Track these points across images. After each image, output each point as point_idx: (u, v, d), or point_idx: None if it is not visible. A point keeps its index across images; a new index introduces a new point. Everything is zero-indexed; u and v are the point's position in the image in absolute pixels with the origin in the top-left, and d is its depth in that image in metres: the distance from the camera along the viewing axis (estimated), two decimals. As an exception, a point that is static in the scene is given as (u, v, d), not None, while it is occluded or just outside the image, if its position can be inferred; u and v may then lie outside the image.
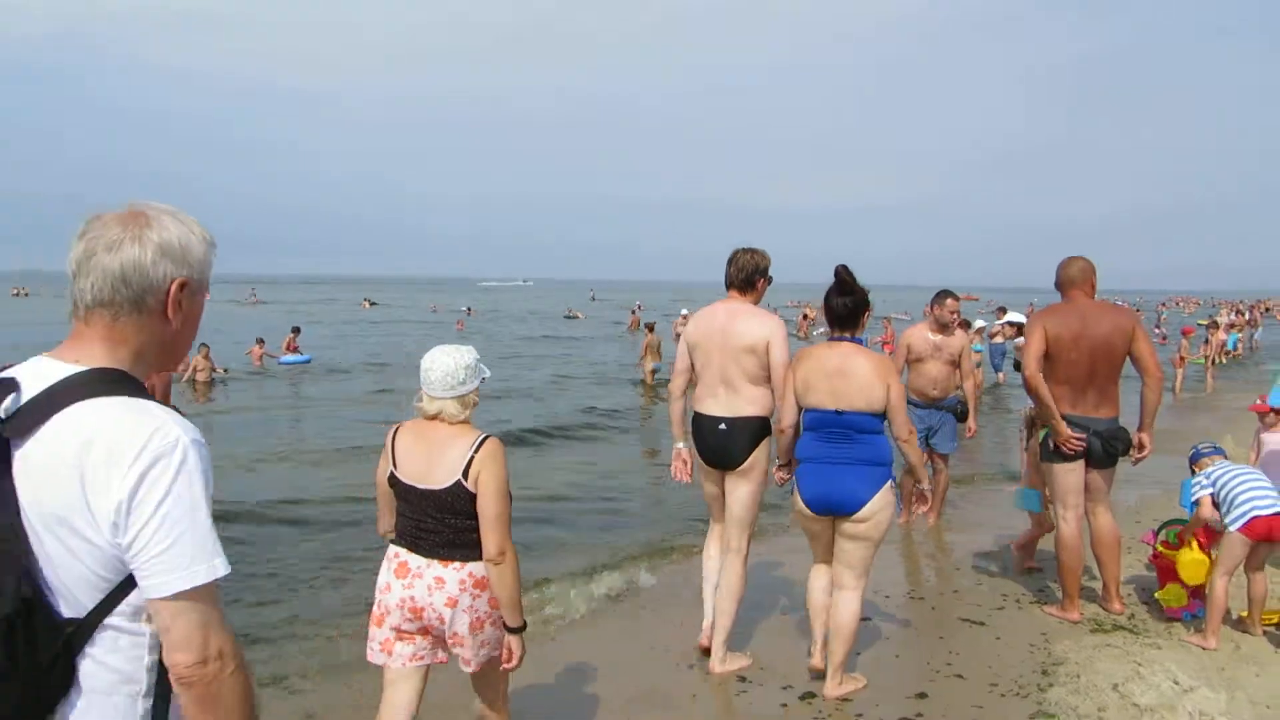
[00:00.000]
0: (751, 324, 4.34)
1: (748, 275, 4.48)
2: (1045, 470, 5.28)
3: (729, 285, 4.53)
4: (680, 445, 4.63)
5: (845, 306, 4.17)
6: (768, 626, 5.19)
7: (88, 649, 1.40)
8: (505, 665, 3.01)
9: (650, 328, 20.74)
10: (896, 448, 4.14)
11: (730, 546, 4.49)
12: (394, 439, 3.04)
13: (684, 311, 36.68)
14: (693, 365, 4.50)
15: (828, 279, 4.25)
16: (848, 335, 4.17)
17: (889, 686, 4.35)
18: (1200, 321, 32.57)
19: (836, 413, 4.00)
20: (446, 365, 2.95)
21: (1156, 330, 23.23)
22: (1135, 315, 5.21)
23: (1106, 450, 5.02)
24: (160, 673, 1.44)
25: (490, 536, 2.88)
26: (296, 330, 23.67)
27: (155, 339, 1.52)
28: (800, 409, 4.15)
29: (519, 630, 2.96)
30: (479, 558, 2.93)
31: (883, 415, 4.03)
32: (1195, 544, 4.96)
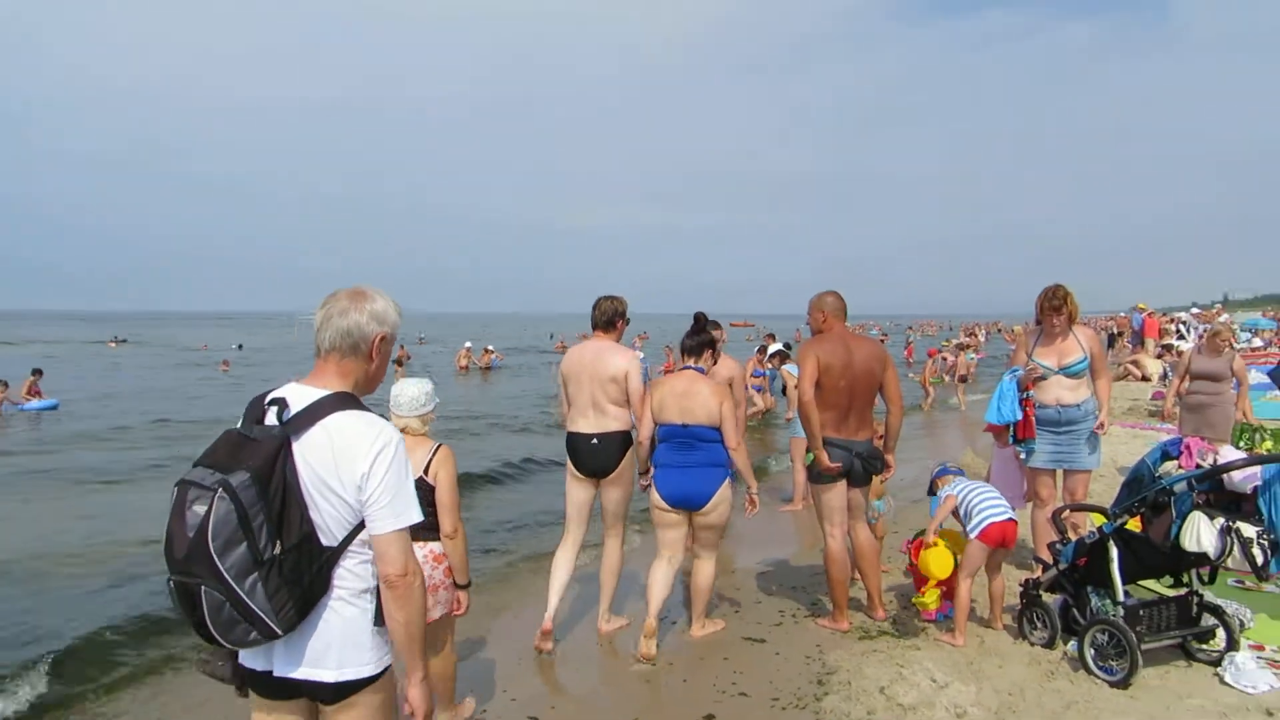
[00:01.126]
0: (614, 358, 5.38)
1: (609, 318, 5.55)
2: (812, 490, 5.63)
3: (594, 326, 5.58)
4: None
5: (695, 344, 5.43)
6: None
7: (338, 565, 2.34)
8: (456, 612, 4.07)
9: (399, 362, 20.61)
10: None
11: (610, 535, 5.62)
12: None
13: (466, 344, 36.50)
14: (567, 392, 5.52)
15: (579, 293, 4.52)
16: (692, 364, 5.37)
17: (678, 713, 4.50)
18: (942, 343, 35.83)
19: (683, 426, 5.13)
20: (412, 392, 4.00)
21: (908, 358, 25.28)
22: (885, 348, 5.68)
23: (866, 470, 5.44)
24: (373, 580, 2.38)
25: (446, 518, 3.88)
26: (38, 373, 21.48)
27: (363, 373, 2.47)
28: (656, 424, 5.25)
29: (466, 586, 4.06)
30: (437, 537, 3.90)
31: (718, 428, 5.13)
32: (939, 541, 5.45)
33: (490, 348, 36.79)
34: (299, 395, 2.38)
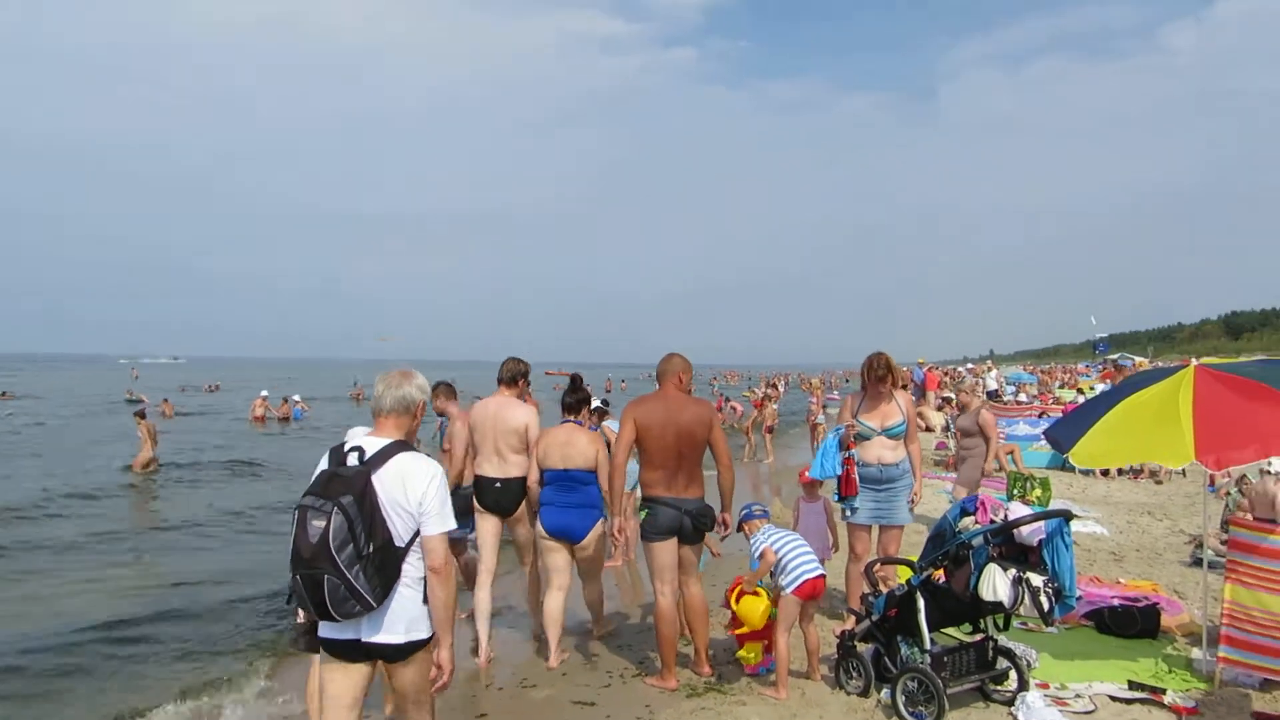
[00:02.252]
0: (516, 412, 6.29)
1: (512, 376, 6.48)
2: (644, 548, 5.73)
3: (499, 382, 6.47)
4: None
5: (574, 401, 6.53)
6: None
7: (405, 560, 3.38)
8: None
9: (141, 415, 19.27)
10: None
11: (523, 564, 6.67)
12: None
13: (263, 393, 34.31)
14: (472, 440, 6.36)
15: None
16: (571, 418, 6.39)
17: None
18: (745, 393, 37.29)
19: (565, 470, 6.02)
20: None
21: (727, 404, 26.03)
22: (712, 408, 5.89)
23: (696, 528, 5.58)
24: (423, 571, 3.45)
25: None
26: None
27: (408, 429, 3.61)
28: (541, 470, 6.09)
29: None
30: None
31: (594, 471, 6.06)
32: (761, 592, 5.67)
33: (296, 397, 34.72)
34: (371, 444, 3.49)
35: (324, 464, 3.49)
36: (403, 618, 3.41)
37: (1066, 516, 4.92)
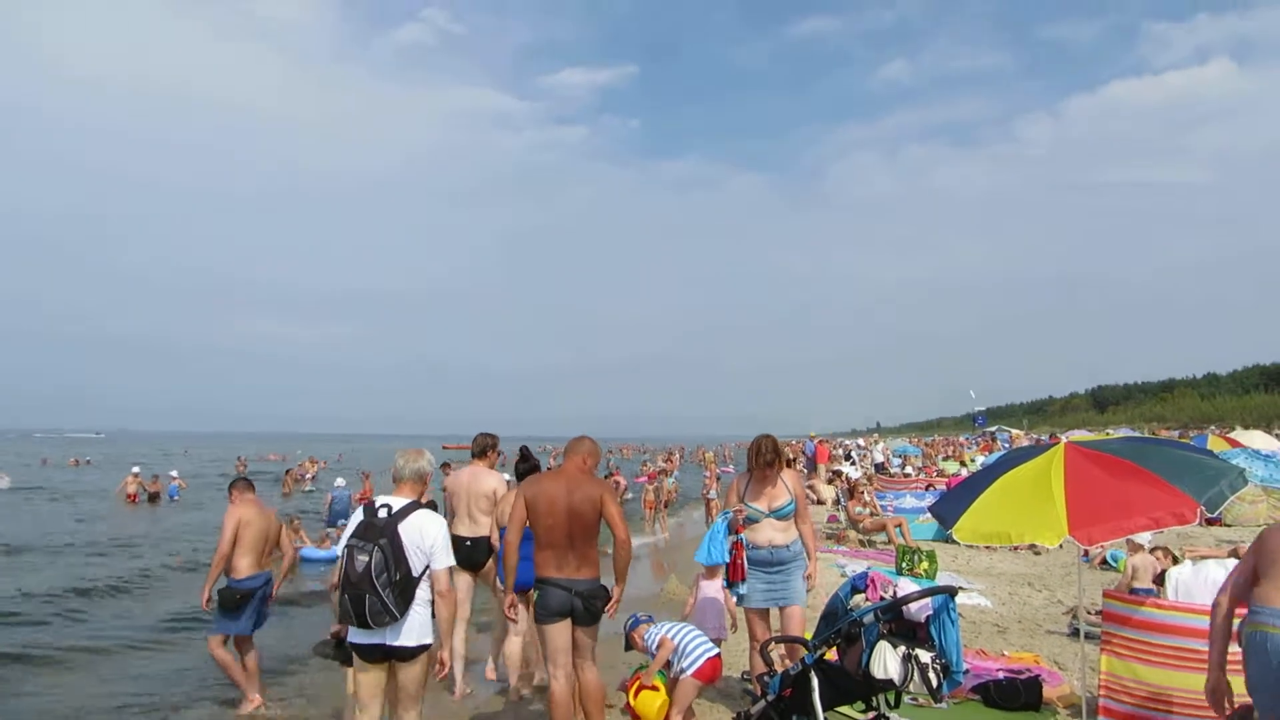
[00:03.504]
0: (488, 479, 7.40)
1: (482, 448, 7.56)
2: (537, 630, 5.63)
3: (472, 455, 7.53)
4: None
5: (526, 469, 7.18)
6: None
7: (418, 587, 4.85)
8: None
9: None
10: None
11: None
12: None
13: (134, 469, 32.54)
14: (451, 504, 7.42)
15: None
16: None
17: None
18: (642, 466, 37.30)
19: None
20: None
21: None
22: (607, 485, 5.88)
23: (588, 609, 5.50)
24: (430, 595, 4.92)
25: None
26: None
27: (420, 492, 5.23)
28: (502, 529, 6.48)
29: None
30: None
31: None
32: (659, 685, 5.62)
33: (173, 473, 33.03)
34: (395, 502, 4.98)
35: (360, 515, 5.00)
36: (416, 628, 4.87)
37: (951, 593, 5.06)
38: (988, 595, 11.04)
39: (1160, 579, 7.78)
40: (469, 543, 7.22)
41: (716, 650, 5.46)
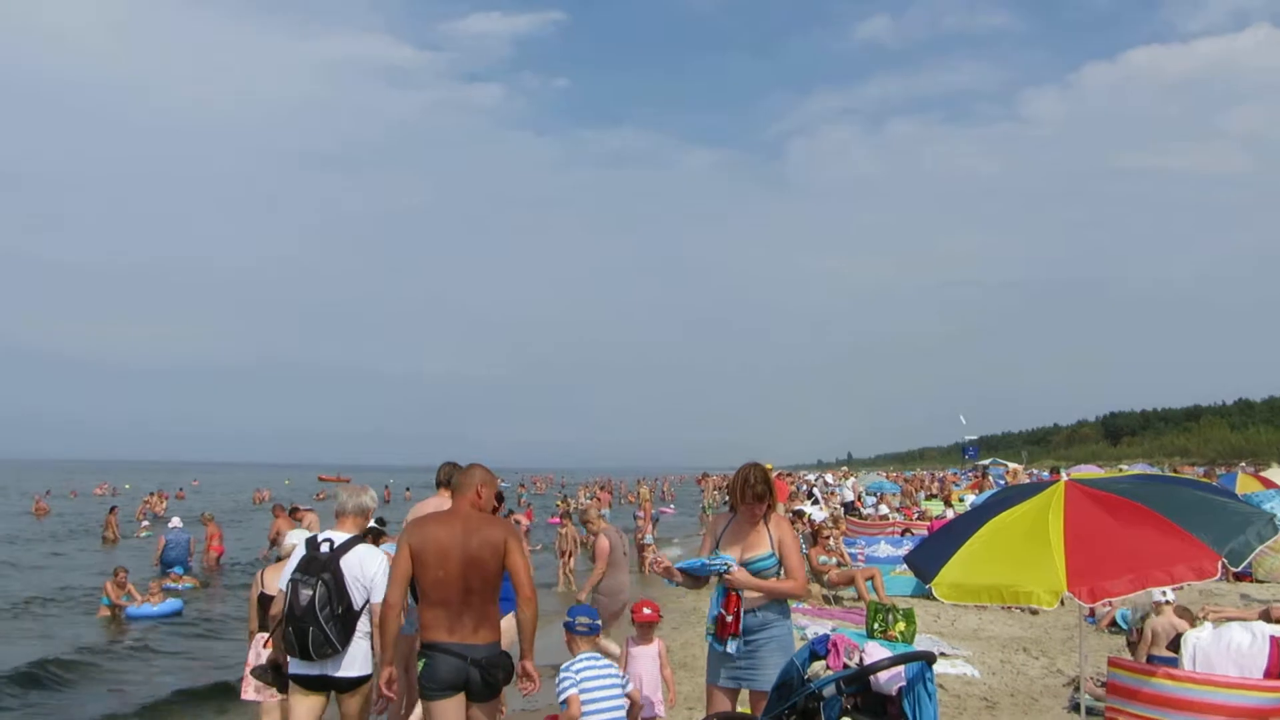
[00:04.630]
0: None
1: (449, 479, 7.69)
2: (423, 708, 5.58)
3: (438, 484, 8.26)
4: None
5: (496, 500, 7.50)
6: None
7: (359, 619, 5.94)
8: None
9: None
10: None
11: None
12: None
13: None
14: None
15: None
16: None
17: None
18: (557, 503, 37.21)
19: None
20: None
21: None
22: (510, 527, 5.85)
23: (486, 681, 5.44)
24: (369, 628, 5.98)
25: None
26: None
27: (362, 526, 6.42)
28: None
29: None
30: None
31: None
32: None
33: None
34: (337, 536, 6.04)
35: (302, 549, 6.03)
36: (358, 660, 5.92)
37: (929, 659, 5.14)
38: (975, 663, 11.26)
39: (1176, 644, 8.02)
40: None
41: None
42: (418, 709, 7.07)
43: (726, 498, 7.00)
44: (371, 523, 9.70)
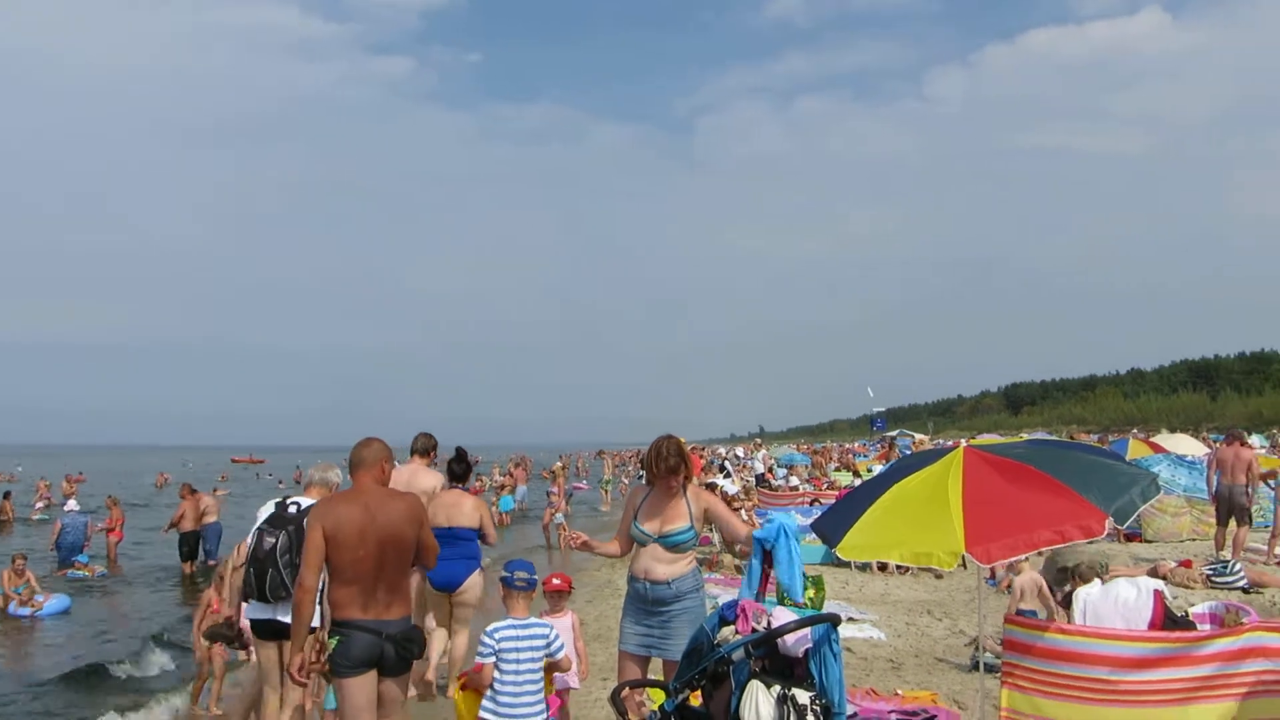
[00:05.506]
0: (427, 478, 9.03)
1: (424, 448, 9.31)
2: (334, 686, 5.57)
3: (413, 452, 9.29)
4: None
5: (462, 470, 9.16)
6: None
7: None
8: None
9: None
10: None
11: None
12: None
13: None
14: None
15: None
16: (459, 485, 9.09)
17: None
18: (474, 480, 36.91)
19: (449, 528, 8.33)
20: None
21: None
22: (420, 502, 5.88)
23: (400, 655, 5.48)
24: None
25: None
26: None
27: (328, 494, 6.86)
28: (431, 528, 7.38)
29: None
30: None
31: (477, 530, 8.70)
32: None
33: None
34: (304, 501, 6.82)
35: (271, 508, 6.94)
36: None
37: (833, 621, 5.27)
38: (881, 626, 11.57)
39: (1069, 600, 8.35)
40: None
41: (538, 716, 5.68)
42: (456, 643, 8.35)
43: (633, 472, 7.32)
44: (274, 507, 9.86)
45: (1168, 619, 7.06)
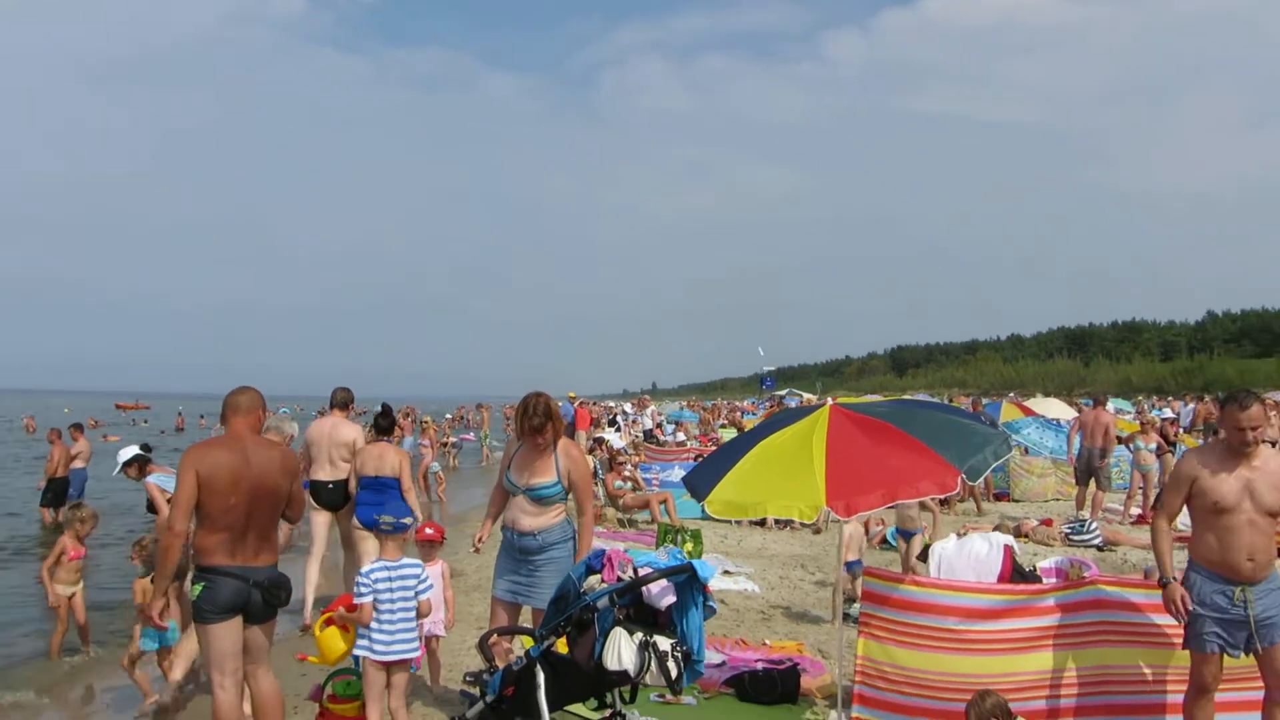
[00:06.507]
0: (347, 430, 9.74)
1: (344, 401, 10.08)
2: (198, 631, 5.54)
3: (332, 406, 10.08)
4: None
5: (387, 424, 9.81)
6: None
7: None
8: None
9: None
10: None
11: (347, 548, 9.66)
12: None
13: None
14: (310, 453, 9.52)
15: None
16: (384, 438, 9.62)
17: None
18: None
19: (376, 477, 9.11)
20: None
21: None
22: (294, 454, 5.91)
23: (268, 601, 5.50)
24: None
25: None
26: None
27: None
28: (359, 475, 9.20)
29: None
30: None
31: (398, 478, 9.18)
32: (351, 630, 5.96)
33: None
34: None
35: (134, 450, 7.84)
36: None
37: (689, 572, 5.42)
38: (756, 579, 11.85)
39: (925, 554, 8.69)
40: (330, 485, 9.53)
41: (412, 651, 5.75)
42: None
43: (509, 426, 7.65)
44: (137, 449, 9.64)
45: (1016, 573, 7.40)
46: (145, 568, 7.54)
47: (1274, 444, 19.09)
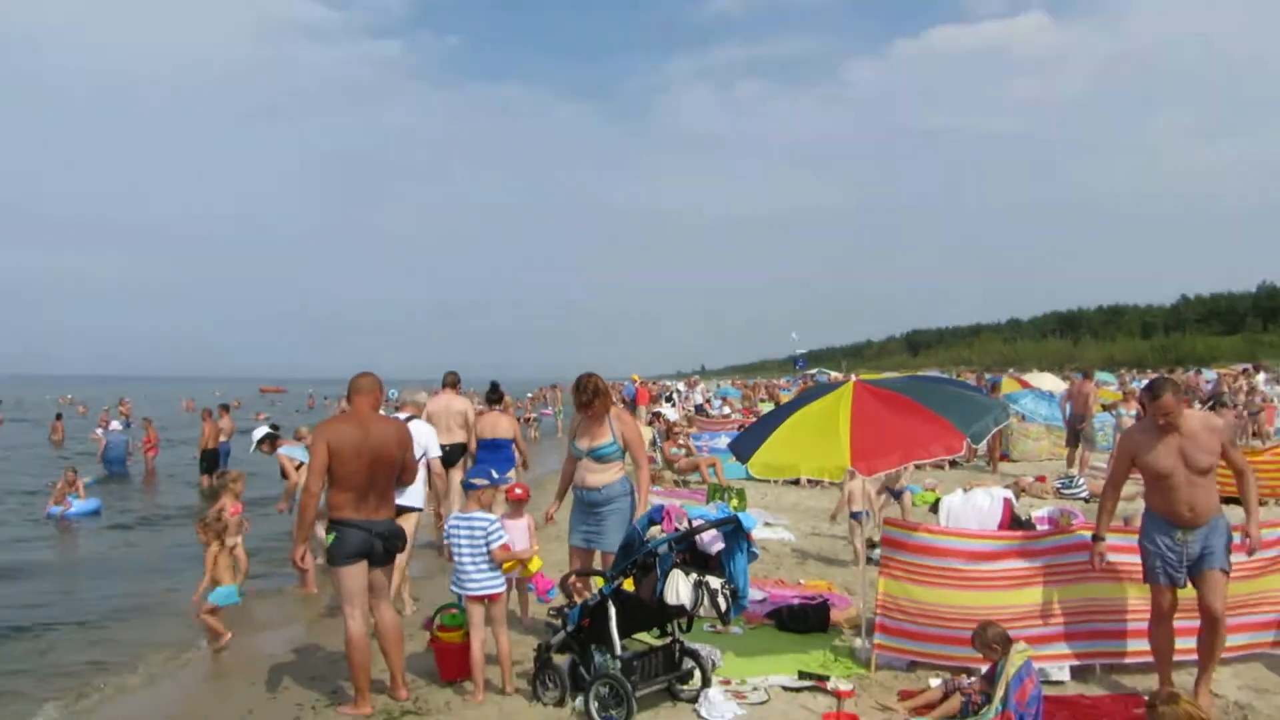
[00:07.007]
0: (458, 402, 10.51)
1: (454, 381, 10.93)
2: (332, 573, 5.71)
3: (444, 385, 10.83)
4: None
5: (496, 396, 11.38)
6: None
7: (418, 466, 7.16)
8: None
9: None
10: None
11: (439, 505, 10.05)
12: None
13: None
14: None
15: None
16: (496, 408, 10.95)
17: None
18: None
19: (493, 439, 10.30)
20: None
21: None
22: (405, 428, 6.01)
23: (386, 549, 5.66)
24: None
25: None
26: None
27: (416, 412, 8.47)
28: (478, 439, 10.32)
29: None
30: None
31: (512, 439, 10.48)
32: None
33: None
34: (403, 415, 7.57)
35: (265, 429, 8.64)
36: (411, 494, 7.11)
37: (736, 524, 5.51)
38: (792, 530, 11.86)
39: (935, 507, 8.66)
40: (447, 448, 9.52)
41: (498, 586, 5.79)
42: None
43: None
44: (267, 429, 10.23)
45: (1014, 521, 7.35)
46: (213, 539, 7.51)
47: (1235, 406, 18.73)
